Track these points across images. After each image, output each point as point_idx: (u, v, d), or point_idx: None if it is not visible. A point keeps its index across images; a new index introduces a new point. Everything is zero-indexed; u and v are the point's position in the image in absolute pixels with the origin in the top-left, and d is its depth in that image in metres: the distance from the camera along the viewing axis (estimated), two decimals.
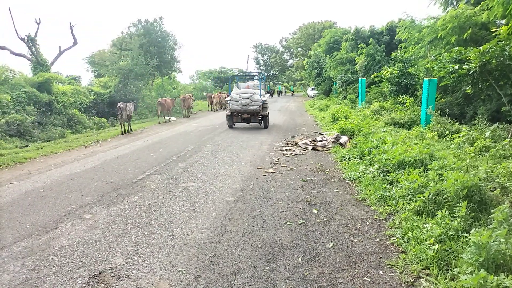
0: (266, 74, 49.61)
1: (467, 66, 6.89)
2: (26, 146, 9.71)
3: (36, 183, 5.85)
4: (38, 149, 9.17)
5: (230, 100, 12.21)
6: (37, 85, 13.46)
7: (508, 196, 3.80)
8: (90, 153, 8.59)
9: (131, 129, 12.92)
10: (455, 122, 8.42)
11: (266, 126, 12.67)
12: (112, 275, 2.89)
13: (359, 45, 20.20)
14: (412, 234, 3.32)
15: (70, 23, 19.96)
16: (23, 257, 3.22)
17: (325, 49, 28.46)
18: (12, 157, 7.87)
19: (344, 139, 8.64)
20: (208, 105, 23.77)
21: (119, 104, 12.25)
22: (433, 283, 2.66)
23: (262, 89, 13.11)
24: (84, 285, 2.76)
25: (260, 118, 12.54)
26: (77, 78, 26.39)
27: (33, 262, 3.13)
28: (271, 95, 39.03)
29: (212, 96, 24.01)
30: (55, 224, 4.00)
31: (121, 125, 12.48)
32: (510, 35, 6.77)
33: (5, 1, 36.02)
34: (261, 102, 11.99)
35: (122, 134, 12.25)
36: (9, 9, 16.41)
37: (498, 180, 4.18)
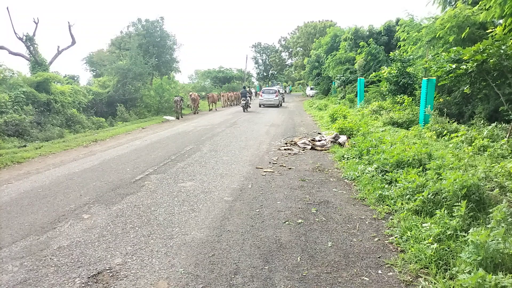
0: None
1: (465, 66, 6.90)
2: (25, 146, 9.68)
3: (35, 183, 5.83)
4: (36, 149, 9.15)
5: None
6: (35, 85, 13.42)
7: (507, 196, 3.82)
8: (89, 153, 8.58)
9: (182, 116, 18.35)
10: (454, 122, 8.44)
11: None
12: (111, 275, 2.89)
13: (359, 44, 20.17)
14: (410, 234, 3.33)
15: (69, 22, 19.97)
16: (21, 257, 3.22)
17: (326, 48, 28.38)
18: (11, 157, 7.85)
19: (342, 138, 8.65)
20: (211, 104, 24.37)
21: (175, 98, 18.14)
22: (431, 282, 2.67)
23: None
24: (83, 285, 2.75)
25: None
26: (75, 78, 26.38)
27: (32, 262, 3.13)
28: (256, 94, 41.90)
29: (208, 95, 24.62)
30: (54, 224, 3.99)
31: (176, 113, 17.95)
32: (506, 34, 6.78)
33: (3, 0, 35.86)
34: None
35: (177, 118, 17.52)
36: (7, 8, 16.32)
37: (496, 179, 4.20)
